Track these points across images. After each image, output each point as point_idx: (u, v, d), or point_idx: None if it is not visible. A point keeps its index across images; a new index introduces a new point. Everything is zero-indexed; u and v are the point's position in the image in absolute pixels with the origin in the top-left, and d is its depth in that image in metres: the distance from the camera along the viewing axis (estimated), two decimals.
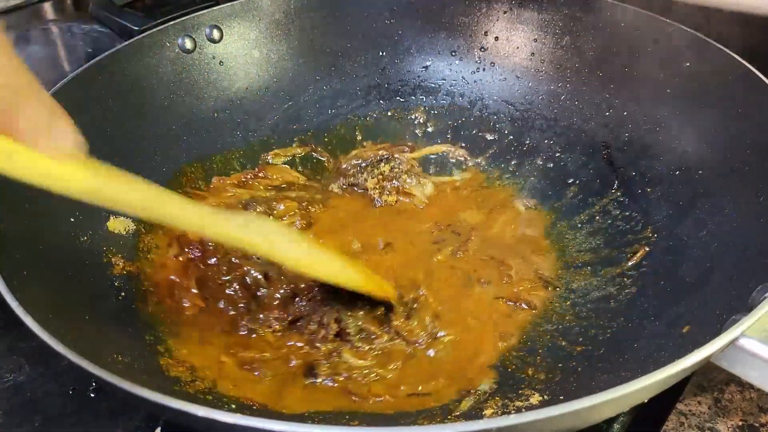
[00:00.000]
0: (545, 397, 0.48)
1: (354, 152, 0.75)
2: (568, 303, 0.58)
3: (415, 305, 0.58)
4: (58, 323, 0.42)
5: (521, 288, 0.60)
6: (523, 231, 0.67)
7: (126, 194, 0.40)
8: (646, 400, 0.38)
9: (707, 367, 0.45)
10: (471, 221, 0.68)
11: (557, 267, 0.62)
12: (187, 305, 0.57)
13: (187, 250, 0.60)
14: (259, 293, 0.58)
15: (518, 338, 0.56)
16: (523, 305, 0.59)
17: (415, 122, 0.79)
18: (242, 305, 0.58)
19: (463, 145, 0.77)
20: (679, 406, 0.50)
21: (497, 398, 0.50)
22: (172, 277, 0.59)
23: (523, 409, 0.47)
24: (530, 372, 0.52)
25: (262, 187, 0.71)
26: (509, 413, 0.47)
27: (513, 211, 0.69)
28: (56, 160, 0.35)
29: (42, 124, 0.33)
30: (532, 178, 0.72)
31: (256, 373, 0.52)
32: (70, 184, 0.36)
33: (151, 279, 0.59)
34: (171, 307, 0.57)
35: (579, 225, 0.66)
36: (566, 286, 0.60)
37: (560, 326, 0.56)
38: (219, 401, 0.48)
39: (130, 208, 0.41)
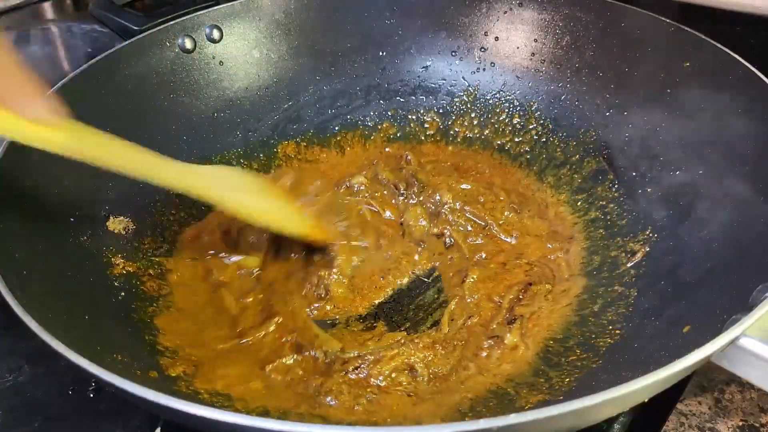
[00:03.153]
0: (545, 397, 0.49)
1: None
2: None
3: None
4: (58, 323, 0.42)
5: None
6: None
7: (98, 150, 0.48)
8: (646, 400, 0.38)
9: (708, 367, 0.45)
10: None
11: None
12: None
13: None
14: None
15: None
16: None
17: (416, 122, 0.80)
18: None
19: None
20: (679, 406, 0.50)
21: (497, 398, 0.50)
22: None
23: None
24: None
25: None
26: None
27: None
28: (32, 121, 0.43)
29: (14, 91, 0.42)
30: None
31: None
32: (48, 142, 0.45)
33: None
34: None
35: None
36: None
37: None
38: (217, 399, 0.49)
39: (105, 163, 0.49)
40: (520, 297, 0.58)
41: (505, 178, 0.73)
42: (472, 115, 0.79)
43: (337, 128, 0.79)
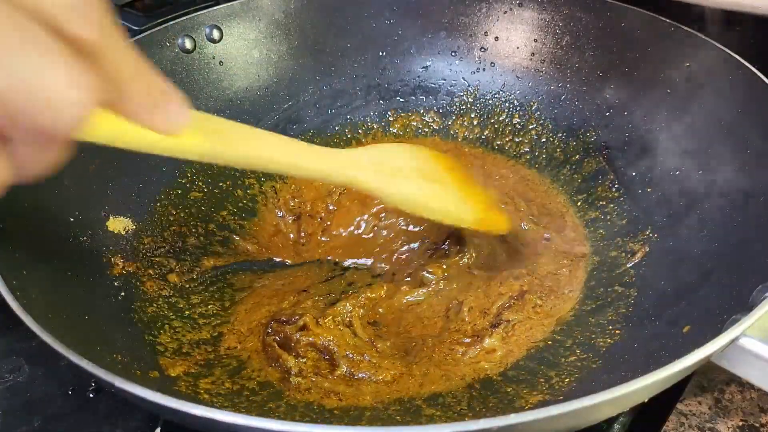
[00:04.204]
0: (545, 397, 0.49)
1: None
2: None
3: None
4: (58, 323, 0.42)
5: None
6: None
7: (236, 151, 0.40)
8: (646, 400, 0.38)
9: (708, 367, 0.45)
10: None
11: None
12: None
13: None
14: None
15: None
16: None
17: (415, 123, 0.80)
18: None
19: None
20: (679, 406, 0.50)
21: (497, 398, 0.50)
22: None
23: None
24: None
25: None
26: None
27: None
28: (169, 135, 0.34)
29: (154, 102, 0.32)
30: None
31: None
32: (181, 152, 0.37)
33: None
34: None
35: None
36: None
37: (561, 326, 0.56)
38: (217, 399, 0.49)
39: (247, 163, 0.43)
40: (511, 303, 0.58)
41: (527, 187, 0.71)
42: (472, 115, 0.79)
43: (337, 128, 0.79)
